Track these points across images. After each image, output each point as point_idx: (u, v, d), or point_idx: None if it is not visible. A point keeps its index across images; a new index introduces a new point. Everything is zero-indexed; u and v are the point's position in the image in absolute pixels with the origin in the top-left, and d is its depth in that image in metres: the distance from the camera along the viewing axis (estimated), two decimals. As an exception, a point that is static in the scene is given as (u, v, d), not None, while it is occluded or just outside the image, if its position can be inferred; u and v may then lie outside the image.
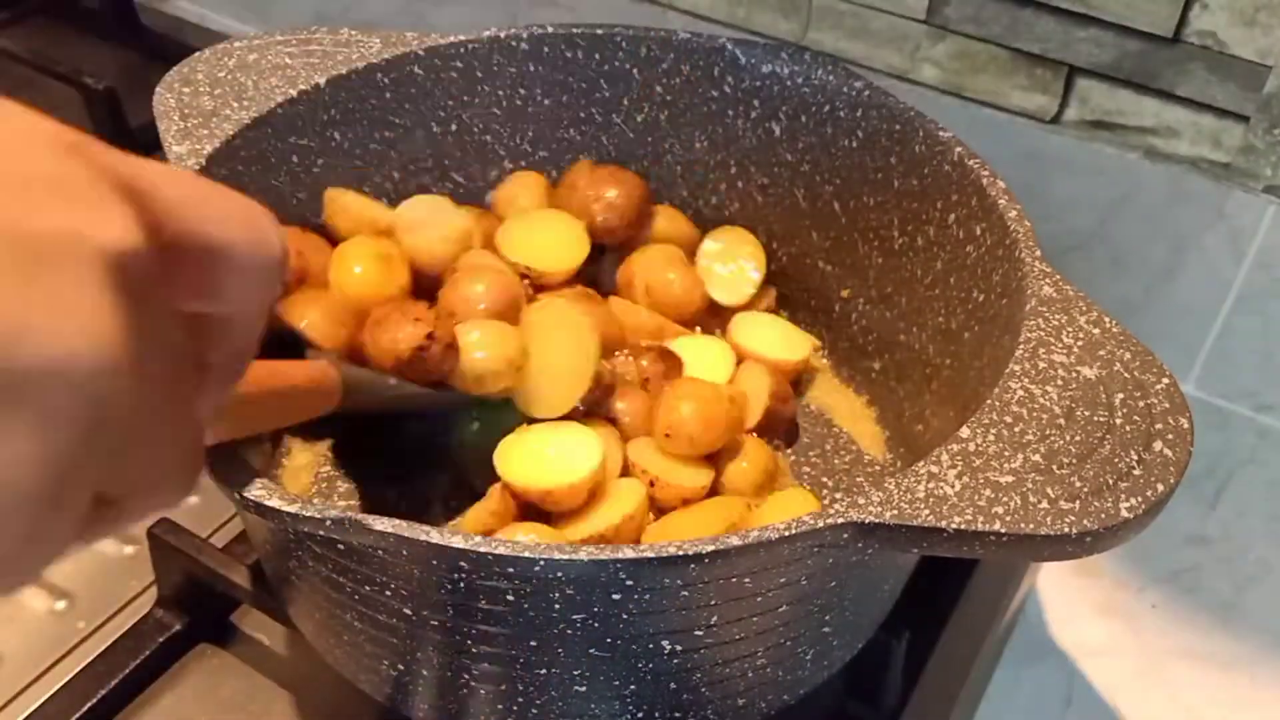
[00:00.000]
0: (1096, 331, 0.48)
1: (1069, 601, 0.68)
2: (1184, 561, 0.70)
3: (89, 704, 0.57)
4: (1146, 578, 0.69)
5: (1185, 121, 0.71)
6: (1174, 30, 0.68)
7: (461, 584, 0.42)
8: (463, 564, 0.41)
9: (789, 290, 0.70)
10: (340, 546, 0.43)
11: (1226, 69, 0.68)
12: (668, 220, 0.69)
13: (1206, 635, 0.66)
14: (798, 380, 0.68)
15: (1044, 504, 0.41)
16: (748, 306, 0.69)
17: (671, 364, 0.62)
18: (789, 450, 0.65)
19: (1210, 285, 0.75)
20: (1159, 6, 0.68)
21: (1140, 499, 0.42)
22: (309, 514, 0.41)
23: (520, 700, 0.48)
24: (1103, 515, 0.41)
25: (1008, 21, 0.73)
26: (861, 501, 0.42)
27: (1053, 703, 0.63)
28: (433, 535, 0.40)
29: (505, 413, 0.59)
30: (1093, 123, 0.74)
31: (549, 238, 0.66)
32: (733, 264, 0.69)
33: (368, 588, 0.45)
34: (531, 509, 0.56)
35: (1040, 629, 0.66)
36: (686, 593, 0.42)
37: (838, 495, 0.63)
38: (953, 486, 0.42)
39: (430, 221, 0.64)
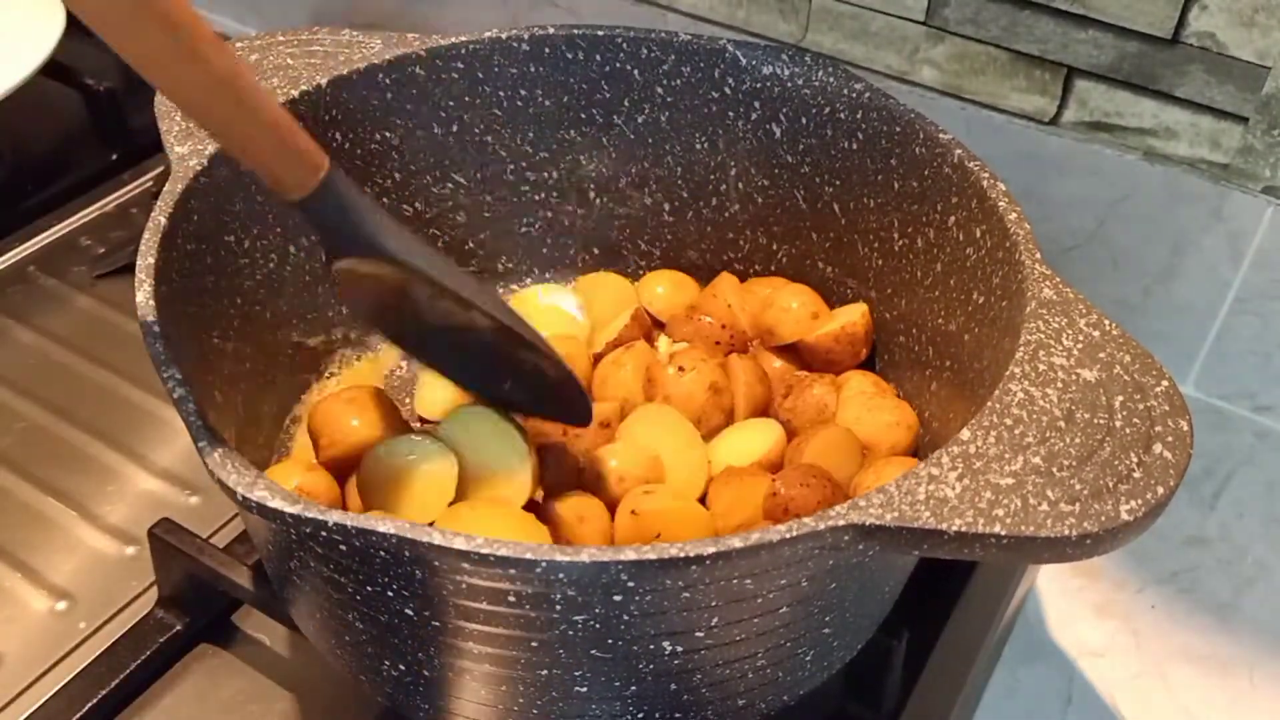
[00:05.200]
0: (1096, 334, 0.48)
1: (1068, 602, 0.68)
2: (1183, 562, 0.70)
3: (89, 704, 0.57)
4: (1145, 578, 0.69)
5: (1184, 123, 0.72)
6: (1173, 31, 0.69)
7: (463, 585, 0.42)
8: (464, 565, 0.41)
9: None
10: (342, 547, 0.43)
11: (1225, 70, 0.68)
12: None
13: (1205, 636, 0.66)
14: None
15: (1044, 506, 0.42)
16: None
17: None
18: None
19: (1209, 286, 0.75)
20: (1158, 8, 0.68)
21: (1140, 501, 0.42)
22: (311, 515, 0.41)
23: (521, 700, 0.48)
24: (1103, 518, 0.41)
25: (1006, 23, 0.73)
26: (862, 503, 0.42)
27: (1052, 703, 0.63)
28: (435, 537, 0.40)
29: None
30: (1091, 124, 0.74)
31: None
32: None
33: (369, 588, 0.45)
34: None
35: (1040, 629, 0.66)
36: (687, 594, 0.43)
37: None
38: (953, 489, 0.42)
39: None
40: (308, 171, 0.47)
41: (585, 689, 0.46)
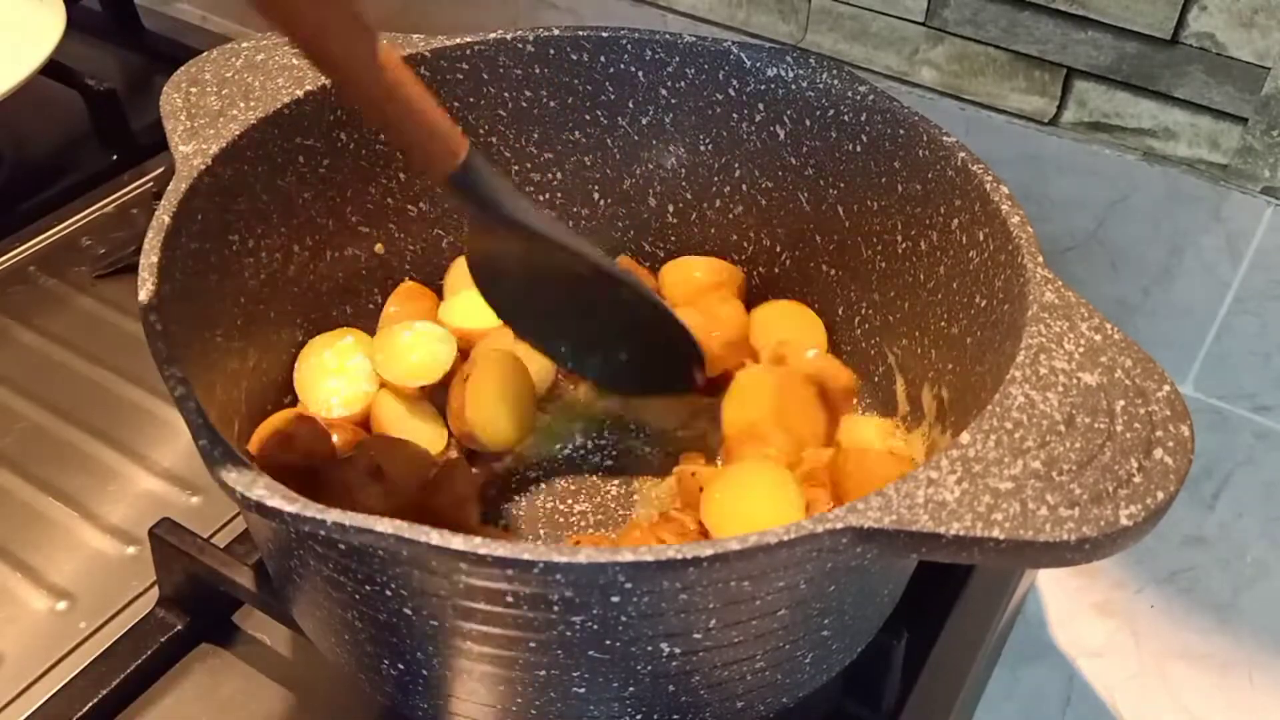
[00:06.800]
0: (1098, 338, 0.48)
1: (1068, 602, 0.68)
2: (1182, 562, 0.70)
3: (90, 704, 0.57)
4: (1145, 578, 0.69)
5: (1183, 123, 0.72)
6: (1172, 32, 0.69)
7: (461, 585, 0.42)
8: (462, 565, 0.41)
9: (793, 294, 0.70)
10: (341, 547, 0.43)
11: (1224, 71, 0.68)
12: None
13: (1204, 636, 0.66)
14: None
15: (1043, 511, 0.41)
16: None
17: None
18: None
19: (1208, 286, 0.75)
20: (1157, 8, 0.68)
21: (1140, 506, 0.42)
22: (310, 514, 0.41)
23: (519, 701, 0.48)
24: (1102, 523, 0.41)
25: (1006, 24, 0.73)
26: (860, 506, 0.42)
27: (1051, 703, 0.63)
28: (432, 536, 0.40)
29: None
30: (1091, 124, 0.74)
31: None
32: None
33: (368, 587, 0.45)
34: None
35: (1039, 629, 0.67)
36: (685, 596, 0.43)
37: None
38: (952, 492, 0.42)
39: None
40: (450, 155, 0.54)
41: (583, 690, 0.46)
